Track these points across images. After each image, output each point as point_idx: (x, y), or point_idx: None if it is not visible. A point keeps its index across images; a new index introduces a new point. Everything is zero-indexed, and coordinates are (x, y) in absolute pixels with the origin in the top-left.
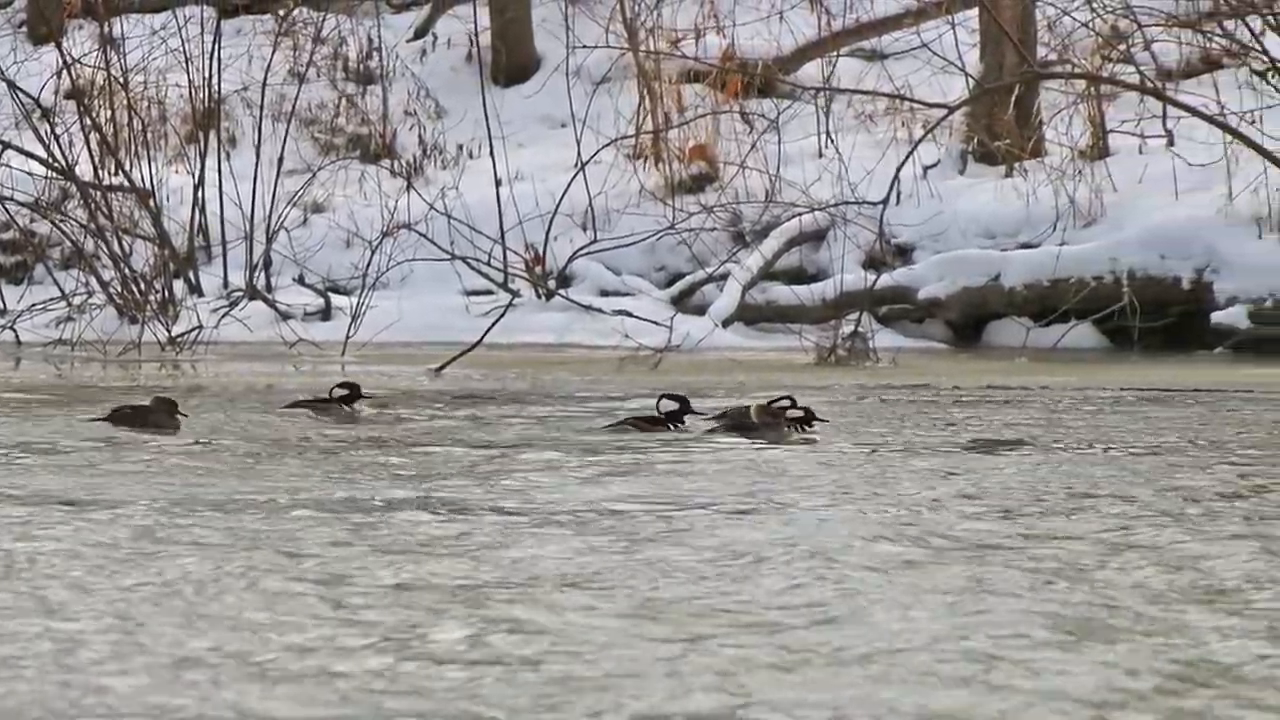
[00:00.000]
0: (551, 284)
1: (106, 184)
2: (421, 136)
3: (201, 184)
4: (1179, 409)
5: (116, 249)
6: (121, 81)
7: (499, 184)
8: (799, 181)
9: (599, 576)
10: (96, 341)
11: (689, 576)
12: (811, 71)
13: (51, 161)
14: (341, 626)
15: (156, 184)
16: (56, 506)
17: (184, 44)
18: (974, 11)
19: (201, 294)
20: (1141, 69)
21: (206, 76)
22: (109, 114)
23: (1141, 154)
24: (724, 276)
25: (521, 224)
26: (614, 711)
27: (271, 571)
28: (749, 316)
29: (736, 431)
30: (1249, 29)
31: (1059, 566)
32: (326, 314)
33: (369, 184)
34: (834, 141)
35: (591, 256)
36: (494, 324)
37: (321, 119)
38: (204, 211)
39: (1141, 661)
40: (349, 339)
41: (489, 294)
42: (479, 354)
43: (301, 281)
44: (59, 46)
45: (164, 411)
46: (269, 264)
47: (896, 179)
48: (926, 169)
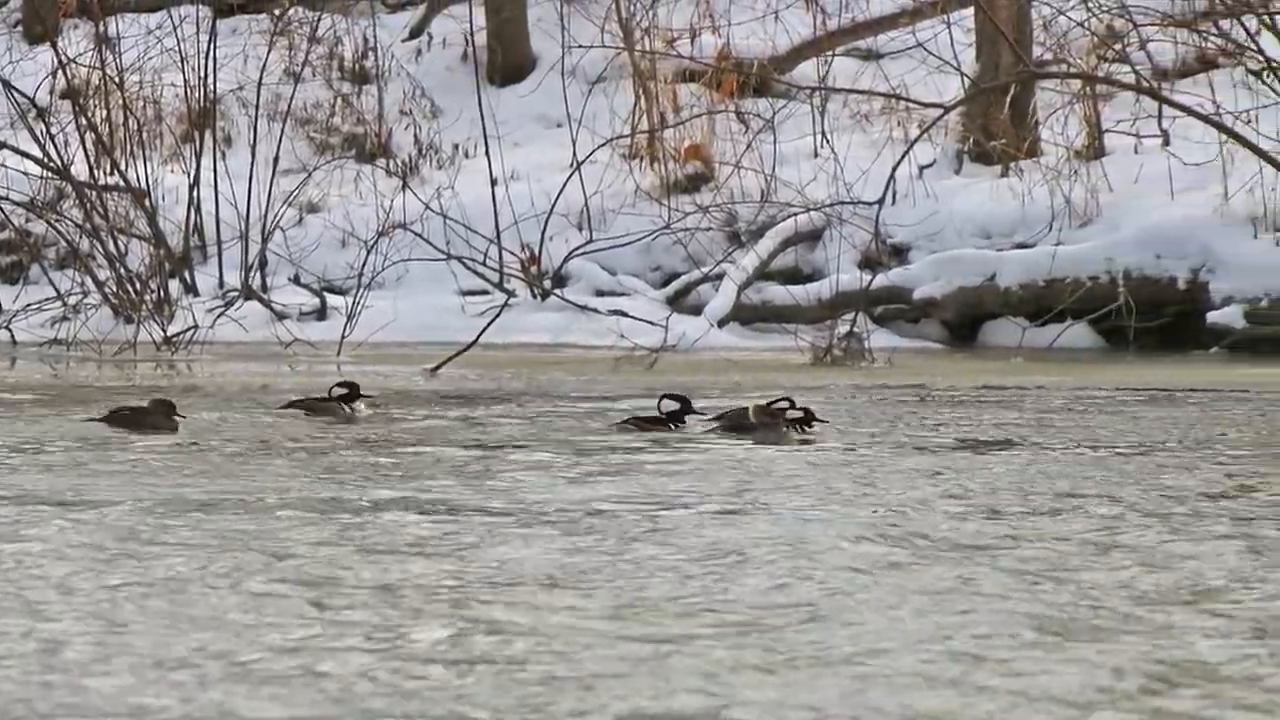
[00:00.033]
0: (547, 284)
1: (102, 184)
2: (417, 136)
3: (197, 184)
4: (1169, 409)
5: (112, 249)
6: (117, 81)
7: (494, 184)
8: (794, 181)
9: (584, 576)
10: (92, 341)
11: (674, 576)
12: (807, 71)
13: (47, 161)
14: (326, 627)
15: (152, 184)
16: (43, 507)
17: (179, 43)
18: (969, 11)
19: (197, 294)
20: (1137, 68)
21: (202, 76)
22: (104, 113)
23: (1137, 154)
24: (719, 276)
25: (517, 224)
26: (598, 711)
27: (256, 572)
28: (744, 316)
29: (735, 432)
30: (1244, 28)
31: (1044, 567)
32: (322, 314)
33: (364, 184)
34: (829, 141)
35: (587, 256)
36: (489, 324)
37: (317, 118)
38: (199, 211)
39: (1126, 662)
40: (344, 339)
41: (484, 294)
42: (474, 354)
43: (297, 281)
44: (54, 46)
45: (162, 413)
46: (264, 264)
47: (892, 179)
48: (922, 169)
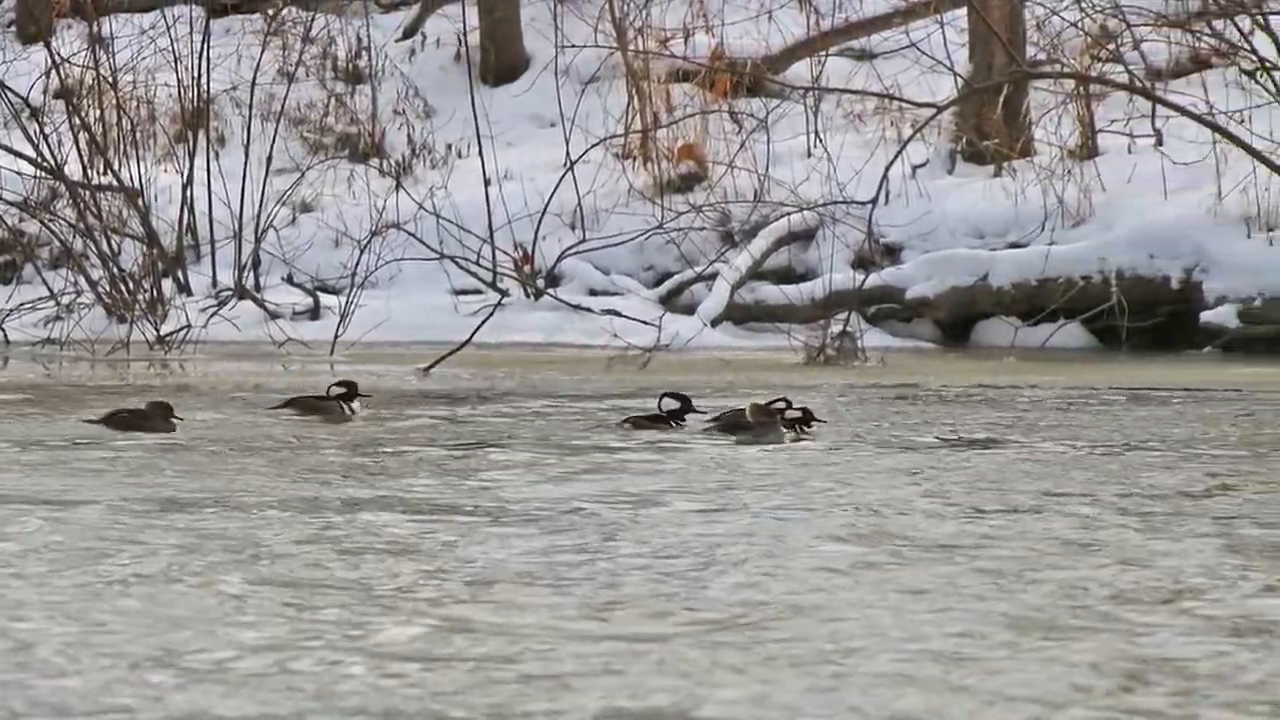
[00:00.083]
0: (540, 283)
1: (95, 183)
2: (410, 136)
3: (190, 183)
4: (1156, 408)
5: (105, 248)
6: (110, 81)
7: (488, 183)
8: (787, 181)
9: (561, 575)
10: (85, 341)
11: (650, 575)
12: (800, 71)
13: (40, 161)
14: (302, 625)
15: (145, 183)
16: (25, 505)
17: (173, 43)
18: (963, 11)
19: (190, 293)
20: (1130, 68)
21: (195, 76)
22: (98, 113)
23: (1130, 154)
24: (712, 276)
25: (510, 223)
26: (574, 710)
27: (234, 571)
28: (737, 316)
29: (732, 432)
30: (1238, 28)
31: (1023, 566)
32: (315, 313)
33: (358, 183)
34: (823, 141)
35: (580, 256)
36: (482, 323)
37: (310, 118)
38: (192, 211)
39: (1103, 660)
40: (337, 338)
41: (478, 293)
42: (468, 353)
43: (290, 281)
44: (48, 46)
45: (160, 415)
46: (258, 263)
47: (885, 178)
48: (915, 168)
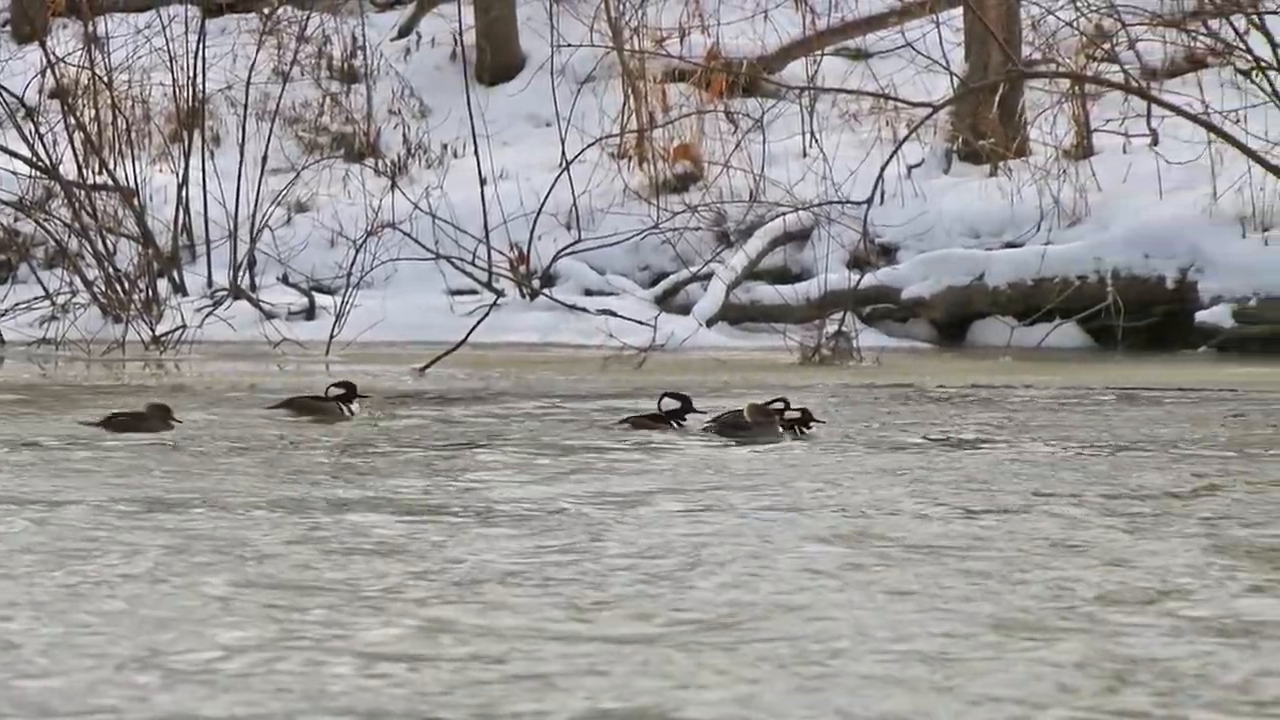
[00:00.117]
0: (536, 283)
1: (90, 183)
2: (406, 135)
3: (185, 183)
4: (1148, 408)
5: (100, 248)
6: (105, 80)
7: (483, 183)
8: (783, 181)
9: (547, 575)
10: (80, 341)
11: (636, 575)
12: (796, 71)
13: (35, 160)
14: (288, 626)
15: (140, 183)
16: (11, 505)
17: (168, 43)
18: (958, 10)
19: (185, 293)
20: (1126, 68)
21: (191, 75)
22: (93, 113)
23: (1126, 153)
24: (708, 276)
25: (506, 223)
26: (558, 710)
27: (220, 572)
28: (733, 316)
29: (730, 432)
30: (1233, 28)
31: (1008, 567)
32: (310, 313)
33: (353, 183)
34: (818, 141)
35: (576, 256)
36: (478, 323)
37: (306, 118)
38: (188, 210)
39: (1090, 661)
40: (333, 338)
41: (473, 293)
42: (463, 353)
43: (285, 281)
44: (43, 45)
45: (159, 417)
46: (253, 263)
47: (881, 178)
48: (911, 168)
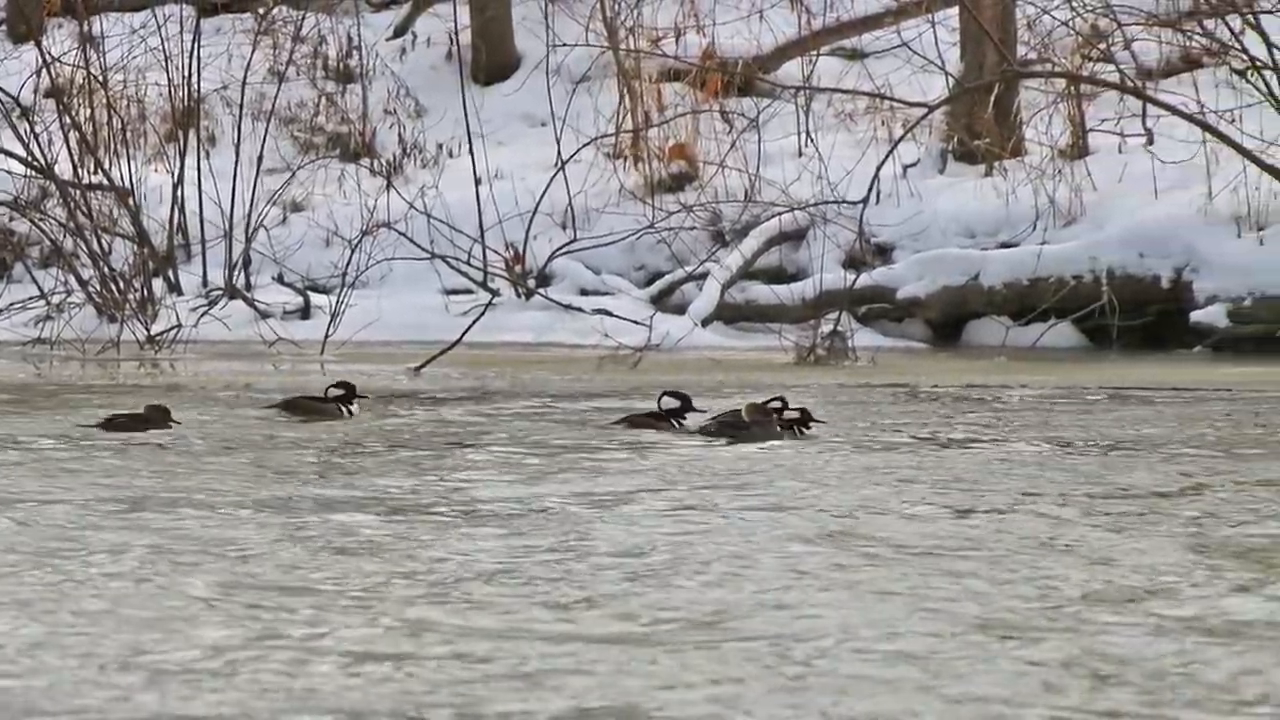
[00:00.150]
0: (531, 283)
1: (86, 183)
2: (401, 135)
3: (181, 183)
4: (1139, 408)
5: (96, 248)
6: (101, 80)
7: (479, 183)
8: (779, 181)
9: (531, 574)
10: (75, 340)
11: (620, 574)
12: (791, 70)
13: (30, 160)
14: (272, 626)
15: (136, 183)
16: None
17: (163, 43)
18: (954, 10)
19: (181, 293)
20: (1121, 68)
21: (186, 75)
22: (88, 113)
23: (1121, 153)
24: (703, 276)
25: (501, 223)
26: (543, 709)
27: (204, 571)
28: (728, 316)
29: (728, 431)
30: (1229, 28)
31: (992, 567)
32: (306, 313)
33: (348, 183)
34: (814, 141)
35: (571, 255)
36: (473, 323)
37: (301, 118)
38: (183, 210)
39: (1075, 661)
40: (328, 338)
41: (469, 293)
42: (459, 353)
43: (281, 280)
44: (38, 45)
45: (158, 418)
46: (248, 263)
47: (876, 178)
48: (906, 168)
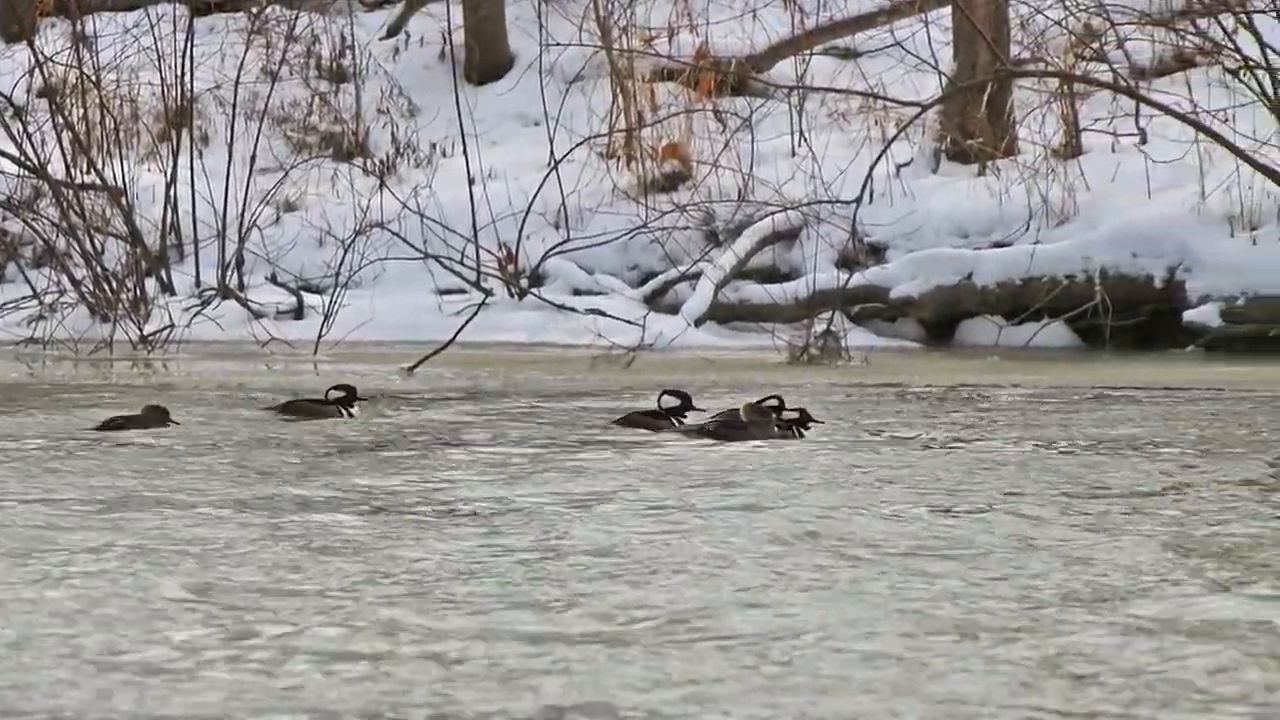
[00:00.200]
0: (524, 283)
1: (79, 182)
2: (394, 135)
3: (174, 182)
4: (1126, 407)
5: (88, 247)
6: (94, 80)
7: (472, 182)
8: (772, 180)
9: (508, 574)
10: (68, 340)
11: (596, 574)
12: (785, 70)
13: (23, 160)
14: (248, 625)
15: (129, 182)
16: None
17: (156, 42)
18: (947, 10)
19: (174, 292)
20: (1115, 67)
21: (179, 75)
22: (81, 112)
23: (1114, 152)
24: (697, 275)
25: (494, 223)
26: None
27: (181, 571)
28: (722, 315)
29: (726, 431)
30: (1222, 27)
31: (970, 568)
32: (299, 313)
33: (342, 182)
34: (807, 140)
35: (564, 255)
36: (466, 323)
37: (294, 117)
38: (176, 210)
39: (1053, 662)
40: (321, 338)
41: (462, 293)
42: (452, 353)
43: (274, 280)
44: (31, 45)
45: (156, 419)
46: (241, 262)
47: (869, 178)
48: (899, 167)
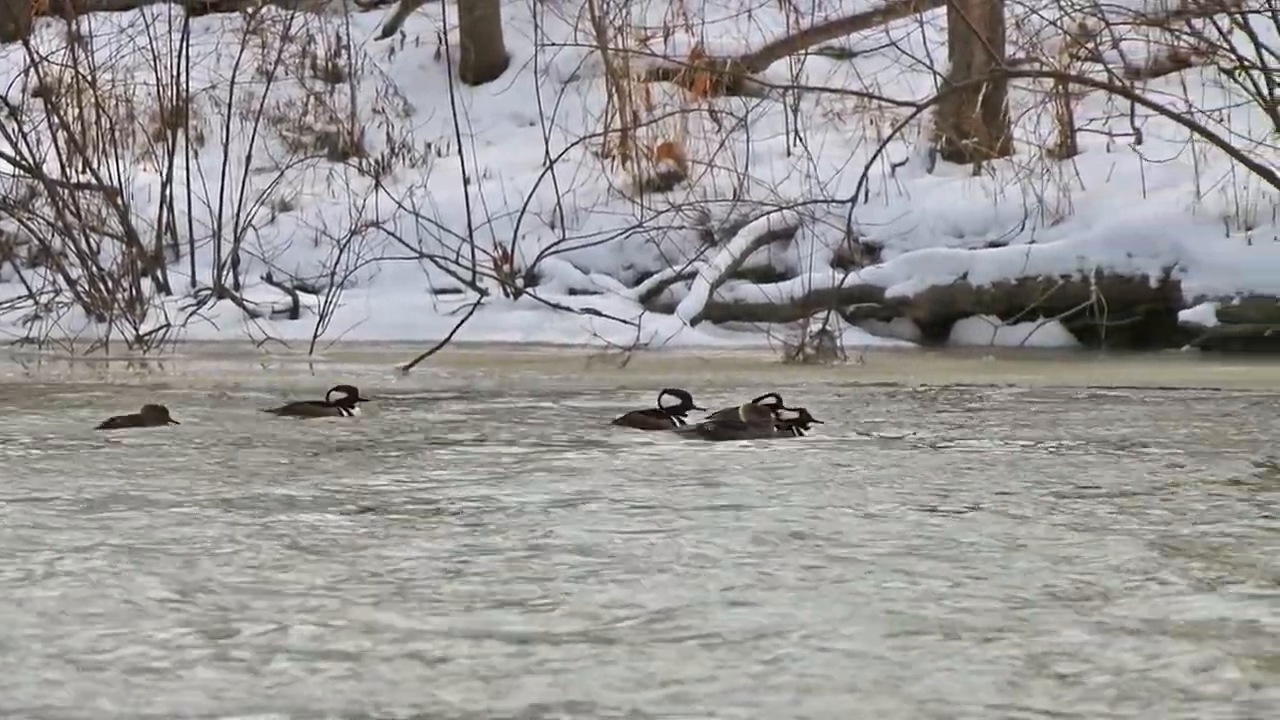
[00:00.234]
0: (520, 282)
1: (74, 182)
2: (390, 135)
3: (169, 182)
4: (1117, 407)
5: (84, 247)
6: (89, 79)
7: (467, 182)
8: (767, 180)
9: (492, 574)
10: (64, 340)
11: (581, 573)
12: (780, 70)
13: (19, 159)
14: (231, 625)
15: (124, 182)
16: None
17: (152, 42)
18: (942, 10)
19: (169, 292)
20: (1110, 67)
21: (174, 74)
22: (77, 112)
23: (1109, 152)
24: (692, 275)
25: (490, 222)
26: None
27: (165, 571)
28: (717, 315)
29: (725, 431)
30: (1217, 27)
31: (955, 568)
32: (294, 312)
33: (337, 182)
34: (802, 140)
35: (560, 255)
36: (461, 322)
37: (290, 117)
38: (172, 210)
39: (1036, 661)
40: (317, 337)
41: (457, 293)
42: (448, 352)
43: (269, 280)
44: (26, 44)
45: (155, 420)
46: (237, 262)
47: (865, 177)
48: (895, 167)
